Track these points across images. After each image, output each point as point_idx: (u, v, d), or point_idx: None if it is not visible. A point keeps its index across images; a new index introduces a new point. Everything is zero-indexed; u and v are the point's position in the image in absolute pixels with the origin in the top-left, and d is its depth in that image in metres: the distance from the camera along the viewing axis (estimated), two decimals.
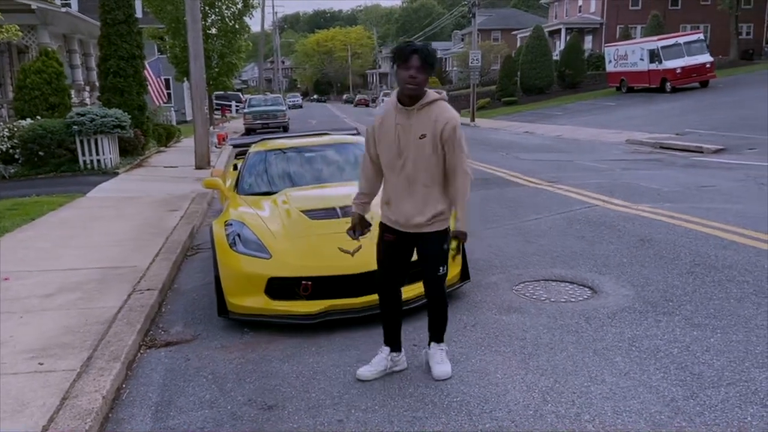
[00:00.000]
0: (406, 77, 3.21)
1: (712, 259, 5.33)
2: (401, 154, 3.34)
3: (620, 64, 33.70)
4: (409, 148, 3.31)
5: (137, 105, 15.17)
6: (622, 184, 9.76)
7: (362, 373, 3.66)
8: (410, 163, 3.32)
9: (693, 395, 3.17)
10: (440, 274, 3.50)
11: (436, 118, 3.28)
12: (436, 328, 3.68)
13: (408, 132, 3.30)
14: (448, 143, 3.30)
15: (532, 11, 68.75)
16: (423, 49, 3.21)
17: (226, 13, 22.28)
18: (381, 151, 3.44)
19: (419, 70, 3.19)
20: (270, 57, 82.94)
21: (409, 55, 3.19)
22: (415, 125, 3.30)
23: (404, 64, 3.20)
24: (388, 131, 3.37)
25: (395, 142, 3.34)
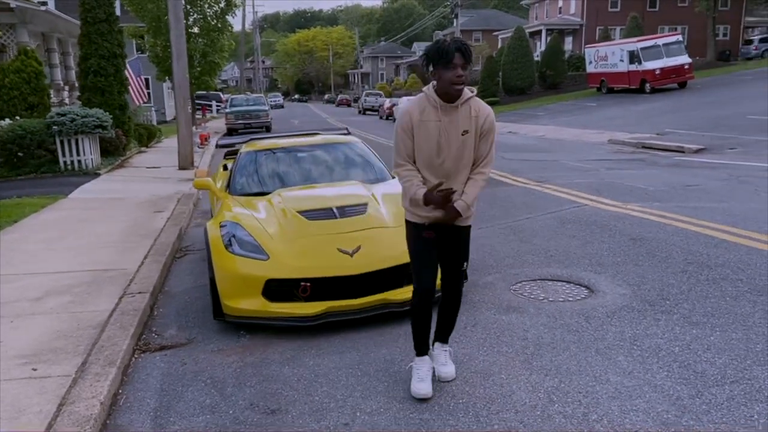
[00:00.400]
0: (452, 77, 3.10)
1: (704, 258, 5.38)
2: (441, 152, 3.24)
3: (600, 65, 34.02)
4: (451, 145, 3.22)
5: (118, 104, 14.95)
6: (609, 183, 9.83)
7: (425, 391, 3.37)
8: (451, 159, 3.24)
9: (698, 394, 3.18)
10: (464, 269, 3.49)
11: (477, 113, 3.23)
12: (445, 328, 3.63)
13: (452, 129, 3.21)
14: (486, 136, 3.26)
15: (512, 12, 69.18)
16: (464, 46, 3.11)
17: (208, 11, 22.07)
18: (419, 148, 3.28)
19: (464, 67, 3.11)
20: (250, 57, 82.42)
21: (452, 54, 3.07)
22: (457, 121, 3.22)
23: (448, 63, 3.08)
24: (429, 129, 3.24)
25: (437, 139, 3.22)
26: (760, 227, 6.20)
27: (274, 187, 5.64)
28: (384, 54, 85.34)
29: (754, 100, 21.83)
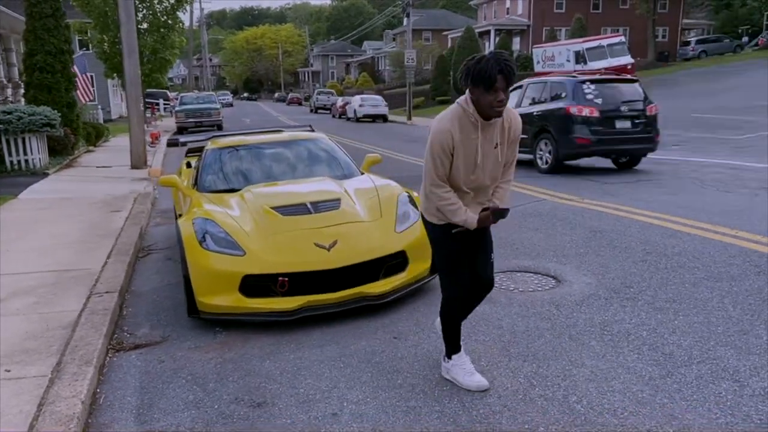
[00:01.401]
0: (493, 101, 2.93)
1: (661, 247, 5.64)
2: (477, 169, 3.15)
3: (548, 65, 34.87)
4: (486, 160, 3.16)
5: (66, 102, 14.46)
6: (564, 178, 10.13)
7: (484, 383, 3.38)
8: (484, 173, 3.19)
9: (669, 374, 3.36)
10: (492, 260, 3.54)
11: (509, 124, 3.17)
12: None
13: (487, 144, 3.14)
14: (515, 142, 3.24)
15: (461, 12, 70.06)
16: (506, 69, 2.89)
17: (158, 7, 21.55)
18: (457, 164, 3.13)
19: (505, 91, 2.94)
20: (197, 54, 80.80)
21: (495, 78, 2.88)
22: (489, 136, 3.14)
23: (490, 87, 2.90)
24: (469, 147, 3.11)
25: (474, 157, 3.12)
26: (709, 218, 6.54)
27: (244, 184, 5.61)
28: (334, 52, 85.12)
29: (693, 98, 22.88)
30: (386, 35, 73.25)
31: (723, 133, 15.06)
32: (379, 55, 67.74)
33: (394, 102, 38.41)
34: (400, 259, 4.67)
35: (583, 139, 10.33)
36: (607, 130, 10.38)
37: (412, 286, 4.69)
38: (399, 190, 5.25)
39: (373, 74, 62.03)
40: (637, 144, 10.76)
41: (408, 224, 4.81)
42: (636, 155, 11.17)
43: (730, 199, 7.73)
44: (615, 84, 11.16)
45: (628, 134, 10.55)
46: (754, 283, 4.58)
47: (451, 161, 3.12)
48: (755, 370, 3.32)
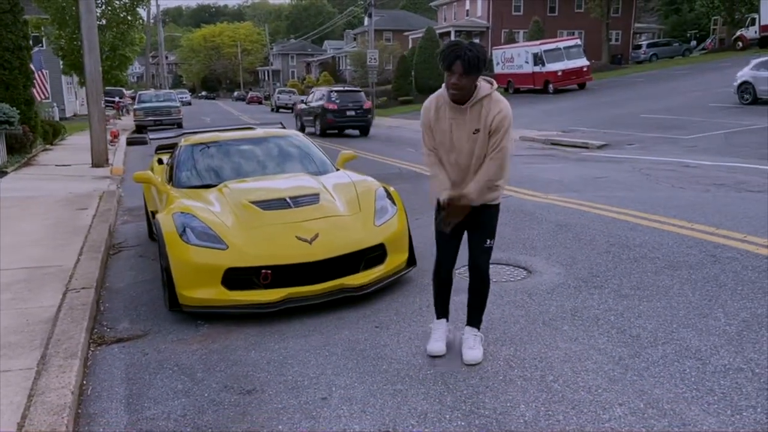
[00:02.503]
0: (449, 84, 3.25)
1: (624, 240, 5.92)
2: (453, 149, 3.41)
3: (507, 67, 35.58)
4: (462, 143, 3.36)
5: (24, 99, 14.13)
6: (527, 176, 10.43)
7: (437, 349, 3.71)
8: (464, 156, 3.39)
9: (636, 354, 3.59)
10: (487, 245, 3.59)
11: (488, 112, 3.31)
12: (474, 310, 3.75)
13: (461, 128, 3.34)
14: (494, 133, 3.32)
15: (421, 13, 70.59)
16: (465, 55, 3.15)
17: (117, 3, 21.13)
18: (437, 142, 3.46)
19: (462, 76, 3.19)
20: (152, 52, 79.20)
21: (452, 62, 3.17)
22: (468, 121, 3.33)
23: (448, 70, 3.21)
24: (443, 124, 3.40)
25: (449, 136, 3.39)
26: (666, 212, 6.87)
27: (220, 180, 5.66)
28: (294, 51, 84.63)
29: (645, 100, 23.64)
30: (347, 35, 73.27)
31: (672, 132, 15.66)
32: (340, 55, 67.68)
33: None
34: (379, 252, 4.81)
35: (330, 120, 20.42)
36: (342, 116, 20.47)
37: (390, 277, 4.83)
38: (376, 185, 5.39)
39: (334, 74, 61.94)
40: (359, 123, 20.85)
41: (386, 218, 4.95)
42: (361, 129, 21.07)
43: (683, 194, 8.11)
44: (348, 92, 21.67)
45: (353, 118, 20.67)
46: (711, 270, 4.88)
47: (433, 136, 3.47)
48: (715, 349, 3.58)
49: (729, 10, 40.17)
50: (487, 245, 3.62)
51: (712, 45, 42.87)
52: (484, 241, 3.61)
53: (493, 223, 3.63)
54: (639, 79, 31.81)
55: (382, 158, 14.14)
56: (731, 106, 18.86)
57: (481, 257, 3.64)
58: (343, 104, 20.36)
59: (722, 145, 13.24)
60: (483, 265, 3.67)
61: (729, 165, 10.49)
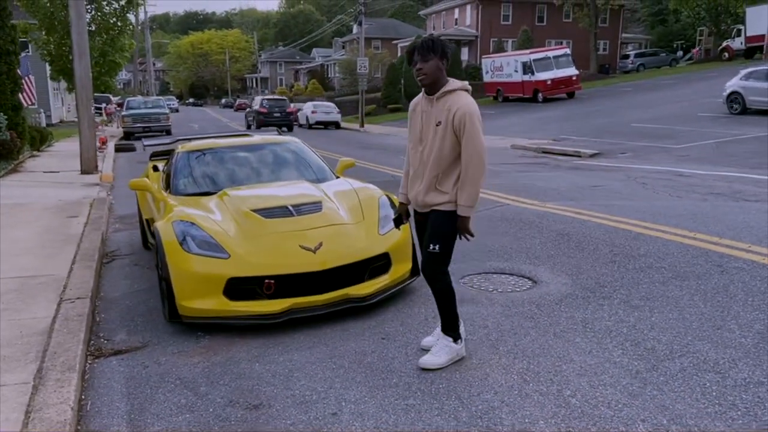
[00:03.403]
0: (414, 73, 3.50)
1: (627, 249, 5.87)
2: (422, 140, 3.57)
3: (496, 75, 35.71)
4: (428, 134, 3.52)
5: (11, 105, 13.89)
6: (523, 184, 10.39)
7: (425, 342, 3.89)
8: (427, 148, 3.53)
9: (654, 367, 3.51)
10: (430, 250, 3.56)
11: (450, 106, 3.44)
12: (440, 312, 3.74)
13: (429, 119, 3.52)
14: (459, 130, 3.42)
15: (410, 22, 70.82)
16: (419, 43, 3.47)
17: (106, 9, 20.92)
18: (409, 135, 3.72)
19: (422, 61, 3.43)
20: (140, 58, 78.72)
21: (411, 53, 3.51)
22: (434, 113, 3.50)
23: (411, 62, 3.53)
24: (416, 117, 3.64)
25: (420, 127, 3.58)
26: (667, 221, 6.83)
27: (219, 187, 5.53)
28: (283, 59, 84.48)
29: (634, 109, 23.80)
30: (335, 43, 73.29)
31: (664, 142, 15.73)
32: (329, 63, 67.67)
33: (345, 109, 38.41)
34: (384, 261, 4.70)
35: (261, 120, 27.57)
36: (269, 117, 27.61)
37: (395, 287, 4.73)
38: (378, 192, 5.29)
39: (322, 81, 61.89)
40: (282, 122, 27.41)
41: (390, 226, 4.84)
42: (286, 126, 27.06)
43: (681, 203, 8.10)
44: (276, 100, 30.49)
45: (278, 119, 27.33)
46: (719, 281, 4.83)
47: None
48: (734, 362, 3.51)
49: (715, 21, 40.72)
50: (431, 249, 3.57)
51: (698, 55, 43.36)
52: (428, 245, 3.59)
53: (439, 227, 3.56)
54: (627, 89, 32.04)
55: (374, 165, 14.05)
56: (720, 115, 19.02)
57: (425, 264, 3.66)
58: (271, 109, 29.23)
59: (714, 155, 13.31)
60: (426, 269, 3.65)
61: (723, 174, 10.52)
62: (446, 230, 3.56)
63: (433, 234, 3.59)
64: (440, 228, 3.57)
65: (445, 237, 3.57)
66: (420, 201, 3.63)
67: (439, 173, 3.51)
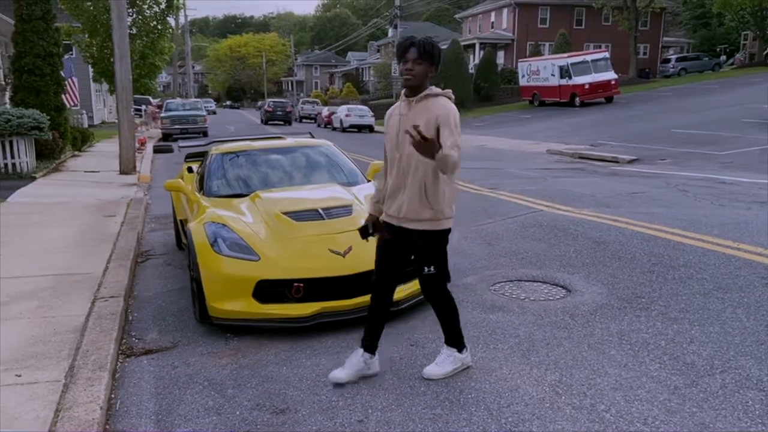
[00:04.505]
0: (403, 70, 3.32)
1: (666, 259, 5.68)
2: (399, 147, 3.38)
3: (533, 79, 35.30)
4: (405, 140, 3.29)
5: (54, 106, 14.24)
6: (558, 190, 10.21)
7: (336, 375, 3.56)
8: (405, 156, 3.35)
9: (693, 383, 3.38)
10: (425, 273, 3.43)
11: (431, 111, 3.29)
12: (443, 328, 3.66)
13: (407, 123, 3.29)
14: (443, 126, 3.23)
15: (446, 25, 70.63)
16: (419, 42, 3.29)
17: (147, 12, 21.37)
18: (386, 142, 3.51)
19: (415, 62, 3.27)
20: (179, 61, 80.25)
21: (406, 49, 3.29)
22: (413, 116, 3.32)
23: (402, 57, 3.30)
24: (393, 122, 3.45)
25: (397, 132, 3.39)
26: (709, 230, 6.61)
27: (251, 189, 5.55)
28: (318, 62, 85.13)
29: (675, 114, 23.24)
30: (371, 46, 73.49)
31: (706, 148, 15.30)
32: (364, 66, 67.90)
33: (379, 113, 38.42)
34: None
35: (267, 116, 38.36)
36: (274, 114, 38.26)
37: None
38: None
39: (357, 84, 62.13)
40: (283, 118, 38.16)
41: None
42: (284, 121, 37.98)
43: (725, 212, 7.83)
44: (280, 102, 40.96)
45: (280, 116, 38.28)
46: (764, 293, 4.63)
47: None
48: None
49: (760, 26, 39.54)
50: (426, 272, 3.44)
51: (741, 61, 42.16)
52: (422, 269, 3.45)
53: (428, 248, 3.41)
54: (668, 94, 31.33)
55: None
56: (765, 122, 18.41)
57: (423, 286, 3.53)
58: (275, 108, 38.86)
59: (759, 162, 12.86)
60: (427, 292, 3.54)
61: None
62: (436, 249, 3.42)
63: (423, 256, 3.42)
64: (430, 248, 3.41)
65: (437, 257, 3.43)
66: (403, 213, 3.38)
67: (425, 182, 3.30)
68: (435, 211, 3.34)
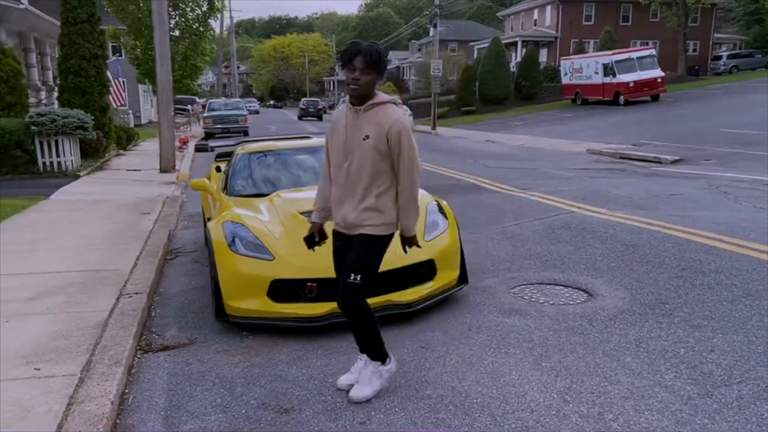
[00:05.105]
0: (349, 79, 3.16)
1: (697, 264, 5.50)
2: (348, 156, 3.26)
3: (575, 77, 34.63)
4: (354, 149, 3.23)
5: (99, 106, 14.72)
6: (593, 191, 9.99)
7: (343, 381, 3.53)
8: (354, 164, 3.24)
9: (708, 393, 3.25)
10: (350, 280, 3.24)
11: (381, 120, 3.18)
12: (358, 341, 3.50)
13: (355, 132, 3.23)
14: (394, 147, 3.18)
15: (487, 23, 69.97)
16: (366, 50, 3.13)
17: (189, 15, 21.88)
18: (331, 151, 3.41)
19: (363, 71, 3.12)
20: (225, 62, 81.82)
21: (353, 56, 3.13)
22: (361, 126, 3.22)
23: (349, 64, 3.15)
24: (339, 132, 3.33)
25: (343, 142, 3.28)
26: (746, 235, 6.37)
27: (273, 189, 5.61)
28: None
29: (725, 113, 22.46)
30: (412, 45, 73.39)
31: (755, 148, 14.72)
32: (405, 65, 67.87)
33: (419, 111, 38.37)
34: (428, 268, 4.61)
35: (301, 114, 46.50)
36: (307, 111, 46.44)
37: (440, 295, 4.63)
38: (428, 198, 5.20)
39: (398, 84, 62.07)
40: (315, 114, 46.03)
41: (436, 233, 4.76)
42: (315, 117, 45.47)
43: (765, 216, 7.53)
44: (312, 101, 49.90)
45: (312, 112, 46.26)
46: None
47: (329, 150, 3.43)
48: None
49: None
50: (351, 280, 3.25)
51: None
52: (349, 275, 3.26)
53: (364, 255, 3.29)
54: (718, 92, 30.31)
55: (441, 169, 13.93)
56: None
57: (344, 292, 3.29)
58: (308, 106, 46.85)
59: None
60: (346, 299, 3.30)
61: None
62: (371, 258, 3.31)
63: (356, 263, 3.27)
64: (365, 256, 3.29)
65: (369, 267, 3.31)
66: (350, 220, 3.29)
67: (378, 191, 3.23)
68: (385, 217, 3.28)
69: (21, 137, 12.21)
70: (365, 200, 3.25)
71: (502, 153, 18.50)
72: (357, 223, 3.28)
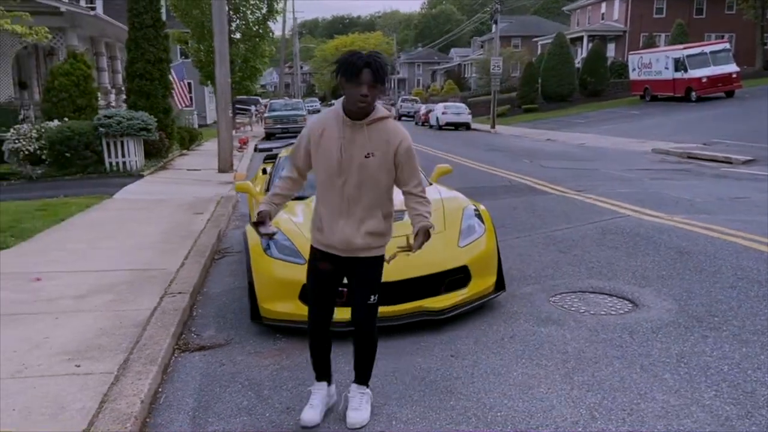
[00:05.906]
0: (356, 95, 2.87)
1: (754, 273, 5.19)
2: (342, 172, 3.01)
3: (644, 73, 33.42)
4: (352, 165, 2.99)
5: (162, 108, 15.27)
6: (653, 194, 9.60)
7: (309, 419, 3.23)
8: (352, 182, 3.01)
9: (748, 414, 3.06)
10: (371, 302, 3.20)
11: (389, 138, 3.00)
12: (360, 369, 3.38)
13: (353, 148, 2.98)
14: (404, 165, 3.05)
15: (552, 18, 68.42)
16: (375, 64, 2.85)
17: (250, 18, 22.43)
18: (318, 166, 3.09)
19: (371, 86, 2.86)
20: (289, 62, 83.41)
21: (360, 70, 2.83)
22: (362, 142, 2.98)
23: (354, 78, 2.84)
24: (330, 145, 3.02)
25: (337, 157, 2.99)
26: None
27: (312, 192, 5.64)
28: (421, 60, 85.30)
29: None
30: (474, 42, 72.64)
31: None
32: (466, 62, 67.26)
33: (479, 110, 37.96)
34: (463, 275, 4.54)
35: None
36: None
37: (474, 302, 4.55)
38: (465, 202, 5.12)
39: (458, 81, 61.63)
40: None
41: (472, 238, 4.68)
42: None
43: None
44: None
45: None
46: None
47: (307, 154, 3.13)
48: None
49: None
50: (372, 301, 3.21)
51: None
52: (368, 296, 3.20)
53: (375, 277, 3.23)
54: None
55: (494, 169, 13.71)
56: None
57: (367, 315, 3.24)
58: None
59: None
60: (369, 323, 3.25)
61: None
62: (380, 277, 3.28)
63: (372, 284, 3.21)
64: (376, 277, 3.24)
65: (378, 285, 3.28)
66: (357, 245, 3.11)
67: (381, 212, 3.11)
68: (386, 237, 3.20)
69: (90, 138, 12.81)
70: (366, 222, 3.09)
71: (561, 152, 18.05)
72: (364, 247, 3.14)
